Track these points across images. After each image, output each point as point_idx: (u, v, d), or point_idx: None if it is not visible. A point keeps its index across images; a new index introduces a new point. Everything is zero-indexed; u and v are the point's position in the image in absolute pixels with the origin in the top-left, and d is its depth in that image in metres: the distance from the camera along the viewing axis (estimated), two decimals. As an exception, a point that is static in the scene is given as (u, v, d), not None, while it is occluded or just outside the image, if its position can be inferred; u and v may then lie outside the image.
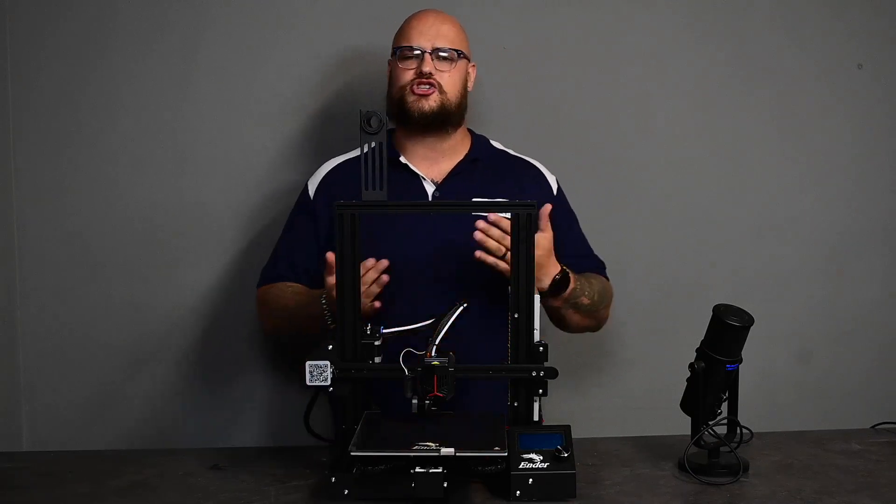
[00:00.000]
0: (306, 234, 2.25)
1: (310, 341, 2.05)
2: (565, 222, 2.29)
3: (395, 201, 1.83)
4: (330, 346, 1.74)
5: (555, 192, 2.32)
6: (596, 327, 2.33)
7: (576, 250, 2.29)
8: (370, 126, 1.77)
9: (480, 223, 1.98)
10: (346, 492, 1.63)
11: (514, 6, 2.62)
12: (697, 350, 1.83)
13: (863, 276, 2.76)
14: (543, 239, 2.03)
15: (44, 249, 2.55)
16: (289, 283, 2.24)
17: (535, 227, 1.77)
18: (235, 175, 2.58)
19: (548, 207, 2.06)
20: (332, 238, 2.15)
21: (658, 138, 2.68)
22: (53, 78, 2.53)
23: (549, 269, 2.08)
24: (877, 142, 2.74)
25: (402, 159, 2.24)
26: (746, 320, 1.79)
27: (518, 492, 1.64)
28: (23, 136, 2.53)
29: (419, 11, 2.25)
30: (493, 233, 1.98)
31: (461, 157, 2.27)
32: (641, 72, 2.66)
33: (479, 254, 1.99)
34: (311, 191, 2.28)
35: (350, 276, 1.79)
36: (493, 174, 2.27)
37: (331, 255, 1.93)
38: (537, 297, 1.79)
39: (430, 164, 2.25)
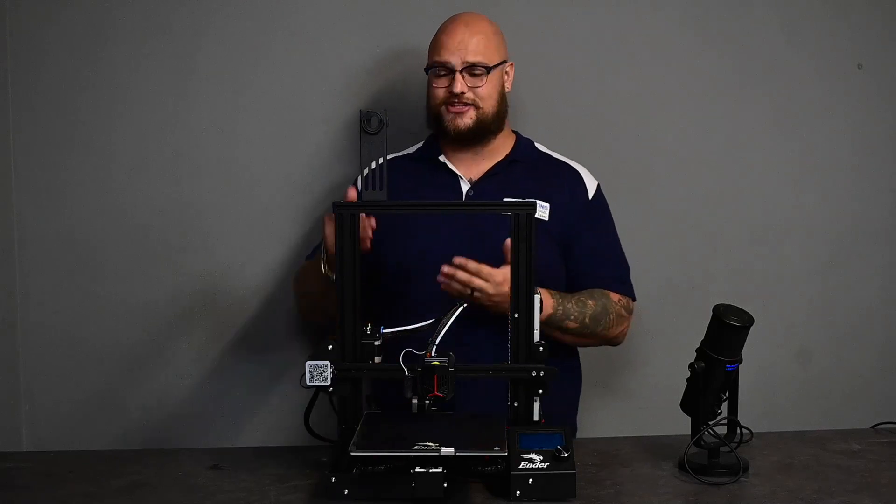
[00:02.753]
0: None
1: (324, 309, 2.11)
2: (591, 228, 2.29)
3: (393, 201, 1.82)
4: (330, 346, 1.74)
5: (590, 196, 2.31)
6: (601, 344, 2.29)
7: (591, 257, 2.27)
8: (370, 126, 1.77)
9: (445, 268, 1.97)
10: (346, 492, 1.63)
11: (510, 5, 2.62)
12: (697, 350, 1.83)
13: (863, 276, 2.76)
14: (498, 274, 1.98)
15: (44, 249, 2.55)
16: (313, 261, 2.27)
17: (534, 227, 1.77)
18: (235, 175, 2.57)
19: (508, 242, 1.92)
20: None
21: (657, 138, 2.68)
22: (53, 78, 2.53)
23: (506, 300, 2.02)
24: (877, 142, 2.74)
25: (442, 158, 2.27)
26: (746, 320, 1.79)
27: (518, 492, 1.64)
28: (23, 136, 2.52)
29: (450, 22, 2.24)
30: (458, 276, 1.97)
31: (501, 157, 2.29)
32: (640, 71, 2.66)
33: (441, 280, 1.99)
34: (359, 186, 2.30)
35: (350, 276, 1.79)
36: (530, 176, 2.28)
37: (351, 191, 1.99)
38: (537, 297, 1.79)
39: (470, 164, 2.27)
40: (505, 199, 2.12)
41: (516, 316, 1.77)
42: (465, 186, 2.25)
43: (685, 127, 2.69)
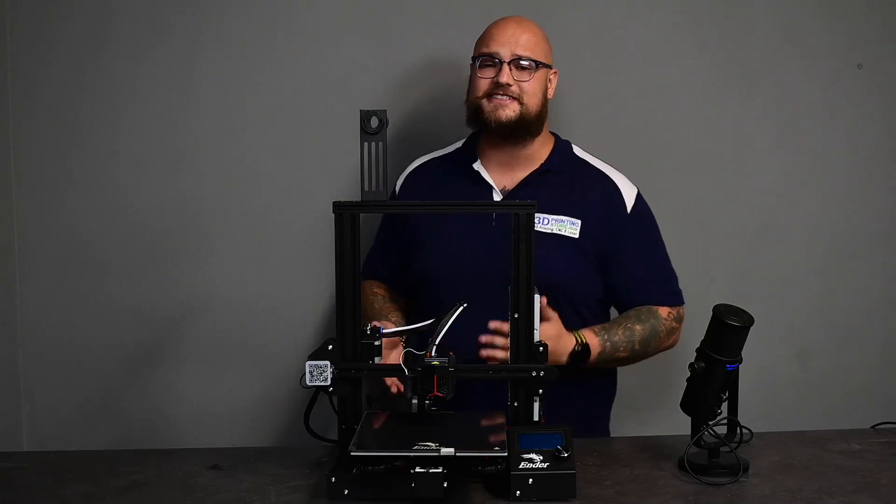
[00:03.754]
0: (391, 232, 2.31)
1: None
2: (633, 242, 2.25)
3: (393, 202, 1.83)
4: (330, 346, 1.74)
5: (629, 209, 2.26)
6: (655, 354, 2.28)
7: (636, 273, 2.25)
8: (370, 126, 1.77)
9: (483, 337, 1.93)
10: (346, 492, 1.63)
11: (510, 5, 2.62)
12: (697, 350, 1.83)
13: (863, 276, 2.76)
14: (549, 328, 1.98)
15: (44, 249, 2.55)
16: (376, 290, 2.30)
17: (533, 227, 1.77)
18: (236, 175, 2.58)
19: (544, 300, 1.92)
20: (409, 232, 2.24)
21: (657, 138, 2.68)
22: (53, 78, 2.53)
23: (560, 350, 2.04)
24: (876, 142, 2.74)
25: (476, 166, 2.24)
26: (746, 320, 1.79)
27: (518, 492, 1.64)
28: (23, 136, 2.53)
29: (501, 19, 2.24)
30: (497, 342, 1.93)
31: (537, 165, 2.25)
32: (640, 71, 2.66)
33: (485, 354, 1.95)
34: (398, 187, 2.33)
35: (350, 277, 1.79)
36: (563, 188, 2.23)
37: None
38: (537, 297, 1.79)
39: (505, 172, 2.24)
40: (506, 200, 2.12)
41: (516, 316, 1.77)
42: (497, 197, 2.22)
43: (685, 127, 2.69)
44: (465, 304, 1.81)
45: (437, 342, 1.76)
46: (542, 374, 1.76)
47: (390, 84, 2.57)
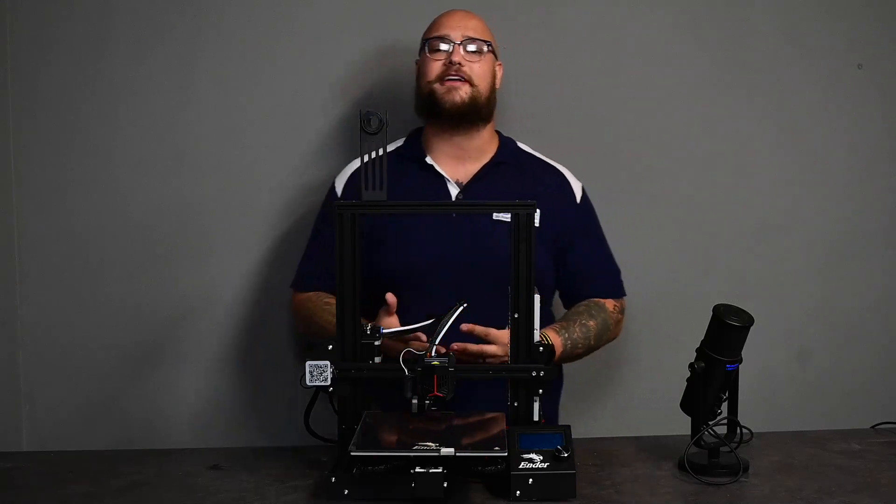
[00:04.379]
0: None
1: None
2: (583, 234, 2.29)
3: (393, 201, 1.82)
4: (330, 346, 1.74)
5: (578, 200, 2.31)
6: (602, 346, 2.31)
7: (585, 268, 2.28)
8: (370, 126, 1.77)
9: (455, 345, 1.90)
10: (346, 492, 1.63)
11: (510, 6, 2.62)
12: (697, 350, 1.83)
13: (863, 276, 2.76)
14: (505, 335, 1.90)
15: (44, 249, 2.55)
16: (326, 299, 2.20)
17: (533, 227, 1.77)
18: (236, 175, 2.58)
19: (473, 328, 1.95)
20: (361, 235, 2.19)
21: (657, 138, 2.68)
22: (53, 78, 2.53)
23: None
24: (876, 142, 2.74)
25: (429, 160, 2.24)
26: (746, 320, 1.80)
27: (518, 492, 1.64)
28: (23, 136, 2.53)
29: (449, 10, 2.28)
30: (469, 350, 1.93)
31: (487, 159, 2.27)
32: (640, 71, 2.66)
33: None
34: (339, 189, 2.29)
35: (350, 277, 1.79)
36: (518, 179, 2.27)
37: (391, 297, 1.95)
38: (537, 297, 1.79)
39: (456, 165, 2.25)
40: (503, 201, 2.12)
41: (516, 316, 1.77)
42: (453, 190, 2.24)
43: (685, 126, 2.69)
44: (465, 304, 1.81)
45: (437, 342, 1.76)
46: (542, 374, 1.76)
47: (391, 84, 2.56)
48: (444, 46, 2.21)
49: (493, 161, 2.27)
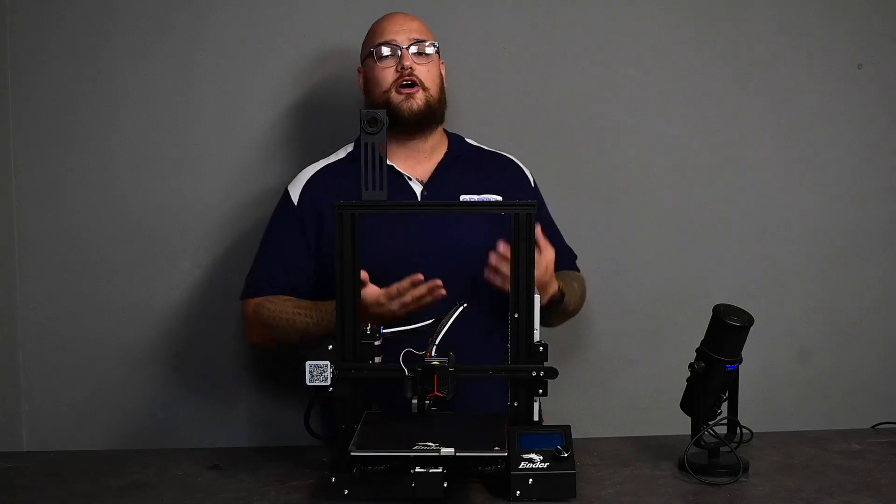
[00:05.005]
0: (295, 242, 2.22)
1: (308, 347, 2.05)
2: (541, 217, 2.26)
3: (394, 201, 1.82)
4: (330, 346, 1.74)
5: (532, 184, 2.34)
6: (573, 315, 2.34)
7: (554, 241, 2.28)
8: (370, 126, 1.77)
9: (493, 257, 1.96)
10: (346, 492, 1.63)
11: (511, 6, 2.62)
12: (697, 350, 1.83)
13: (863, 276, 2.76)
14: (544, 260, 2.01)
15: (44, 249, 2.55)
16: (284, 297, 2.18)
17: (534, 228, 1.77)
18: (235, 176, 2.58)
19: (539, 228, 1.97)
20: (320, 246, 2.17)
21: (658, 138, 2.68)
22: (53, 78, 2.53)
23: (548, 288, 2.07)
24: (877, 142, 2.74)
25: (387, 161, 2.23)
26: (746, 320, 1.79)
27: (518, 492, 1.64)
28: (23, 136, 2.53)
29: (388, 13, 2.26)
30: (503, 268, 1.95)
31: (440, 156, 2.28)
32: (641, 71, 2.66)
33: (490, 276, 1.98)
34: (295, 197, 2.25)
35: (350, 277, 1.79)
36: (476, 171, 2.28)
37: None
38: (537, 297, 1.79)
39: (414, 165, 2.25)
40: (503, 200, 2.12)
41: (516, 316, 1.77)
42: (416, 187, 2.23)
43: (685, 126, 2.69)
44: (465, 304, 1.81)
45: (437, 342, 1.76)
46: (542, 374, 1.76)
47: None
48: (391, 52, 2.19)
49: (448, 157, 2.28)
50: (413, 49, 2.20)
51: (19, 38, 2.51)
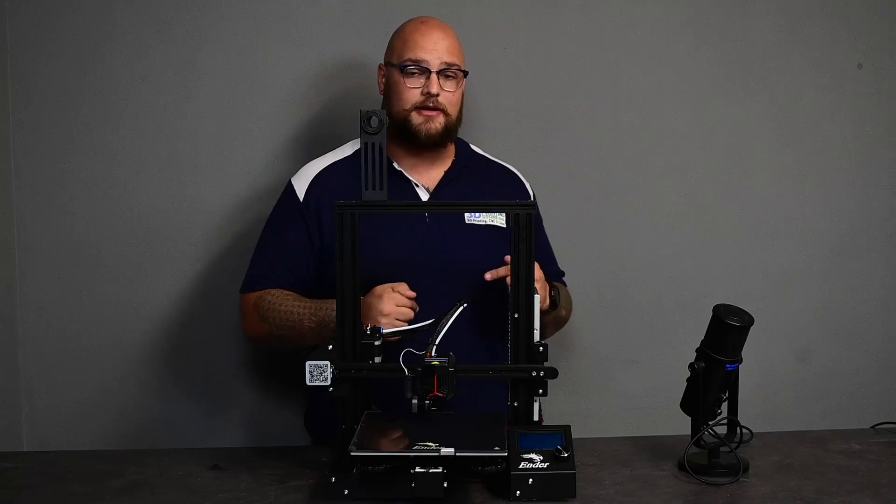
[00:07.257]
0: (299, 238, 2.20)
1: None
2: (539, 230, 2.29)
3: (393, 201, 1.82)
4: (330, 346, 1.74)
5: (532, 197, 2.32)
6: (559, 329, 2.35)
7: (541, 258, 2.25)
8: (370, 126, 1.77)
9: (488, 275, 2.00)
10: (346, 492, 1.63)
11: (510, 6, 2.62)
12: (697, 350, 1.83)
13: (863, 276, 2.76)
14: (538, 269, 1.99)
15: (44, 249, 2.55)
16: (286, 292, 2.18)
17: (533, 227, 1.77)
18: (236, 176, 2.58)
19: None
20: (326, 241, 2.17)
21: (658, 138, 2.68)
22: (53, 78, 2.53)
23: (544, 294, 2.07)
24: (877, 141, 2.74)
25: (396, 166, 2.22)
26: (746, 320, 1.79)
27: (518, 492, 1.64)
28: (23, 137, 2.53)
29: (423, 22, 2.21)
30: (501, 272, 1.99)
31: (448, 164, 2.27)
32: (641, 72, 2.66)
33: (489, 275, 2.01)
34: (301, 193, 2.23)
35: (350, 277, 1.79)
36: (480, 182, 2.28)
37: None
38: (537, 298, 1.79)
39: (421, 172, 2.25)
40: (504, 201, 2.13)
41: (516, 316, 1.77)
42: (423, 195, 2.22)
43: (685, 126, 2.69)
44: (464, 304, 1.81)
45: (437, 342, 1.76)
46: (542, 374, 1.76)
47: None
48: (419, 72, 2.16)
49: (456, 166, 2.27)
50: (443, 74, 2.16)
51: (19, 38, 2.51)
